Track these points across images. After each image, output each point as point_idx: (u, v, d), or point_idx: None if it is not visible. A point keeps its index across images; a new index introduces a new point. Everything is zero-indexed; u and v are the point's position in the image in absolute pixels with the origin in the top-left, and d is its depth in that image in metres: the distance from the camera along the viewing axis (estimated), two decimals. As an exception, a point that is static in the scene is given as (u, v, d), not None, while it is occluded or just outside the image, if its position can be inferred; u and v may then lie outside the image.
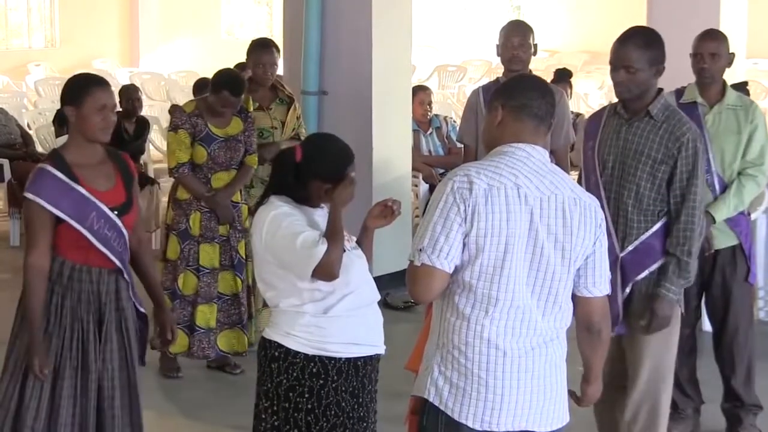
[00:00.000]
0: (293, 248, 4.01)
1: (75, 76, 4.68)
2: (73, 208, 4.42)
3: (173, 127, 6.74)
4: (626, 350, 4.99)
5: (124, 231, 4.54)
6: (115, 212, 4.50)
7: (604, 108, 5.11)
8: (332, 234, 4.03)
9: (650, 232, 4.78)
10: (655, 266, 4.79)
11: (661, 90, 4.90)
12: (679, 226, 4.77)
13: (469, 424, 3.50)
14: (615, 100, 5.00)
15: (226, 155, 6.72)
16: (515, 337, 3.49)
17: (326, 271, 4.01)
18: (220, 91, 6.63)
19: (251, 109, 7.06)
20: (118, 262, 4.54)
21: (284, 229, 4.04)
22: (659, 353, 4.91)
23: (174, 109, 7.47)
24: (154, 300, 4.78)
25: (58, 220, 4.42)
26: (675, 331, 4.91)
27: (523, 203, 3.46)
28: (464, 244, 3.46)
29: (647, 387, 4.91)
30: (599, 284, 3.64)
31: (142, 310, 4.70)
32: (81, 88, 4.48)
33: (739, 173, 5.77)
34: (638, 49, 4.72)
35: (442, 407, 3.53)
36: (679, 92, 5.92)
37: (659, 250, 4.79)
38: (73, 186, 4.43)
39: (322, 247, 3.98)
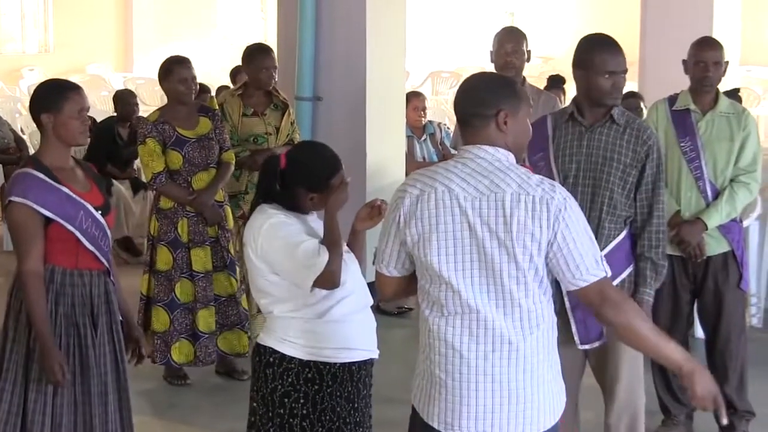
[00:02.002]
0: (293, 259, 4.00)
1: (46, 83, 4.67)
2: (61, 207, 4.41)
3: (141, 140, 6.71)
4: (596, 363, 4.93)
5: (108, 231, 4.55)
6: (99, 212, 4.51)
7: (543, 118, 4.96)
8: (331, 242, 4.02)
9: (615, 242, 4.72)
10: (616, 281, 4.64)
11: None
12: (651, 229, 4.76)
13: (435, 425, 3.51)
14: None
15: (201, 155, 6.70)
16: (472, 338, 3.46)
17: (329, 280, 4.01)
18: (171, 72, 6.68)
19: (216, 107, 7.07)
20: (106, 262, 4.55)
21: (282, 239, 4.03)
22: (633, 362, 4.88)
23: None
24: (123, 316, 4.72)
25: (45, 224, 4.40)
26: None
27: (455, 206, 3.46)
28: (409, 252, 3.55)
29: (626, 396, 4.90)
30: (580, 275, 3.46)
31: (119, 316, 4.68)
32: (58, 95, 4.48)
33: (732, 180, 5.79)
34: (623, 54, 4.72)
35: (416, 408, 3.58)
36: (672, 99, 5.94)
37: (622, 261, 4.74)
38: (57, 186, 4.43)
39: (324, 257, 3.98)
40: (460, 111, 3.59)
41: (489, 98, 3.53)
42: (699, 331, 6.60)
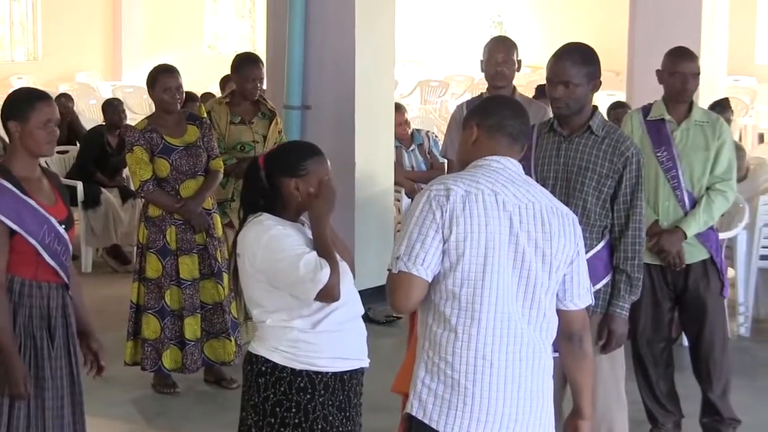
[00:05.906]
0: (295, 273, 3.95)
1: (17, 91, 4.64)
2: (28, 221, 4.36)
3: (129, 148, 6.72)
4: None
5: (69, 245, 4.52)
6: (63, 226, 4.47)
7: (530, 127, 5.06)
8: (325, 255, 3.98)
9: (593, 251, 4.72)
10: (593, 290, 4.63)
11: (596, 106, 4.91)
12: (627, 241, 4.79)
13: None
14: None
15: (188, 163, 6.71)
16: (502, 346, 3.50)
17: (330, 294, 3.97)
18: (156, 81, 6.68)
19: (204, 115, 7.08)
20: (65, 277, 4.51)
21: (284, 253, 3.98)
22: (609, 374, 4.90)
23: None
24: (83, 326, 4.66)
25: (9, 235, 4.36)
26: (621, 350, 4.93)
27: (502, 209, 3.50)
28: (444, 252, 3.48)
29: (602, 411, 4.87)
30: (583, 296, 3.69)
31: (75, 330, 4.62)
32: (25, 104, 4.43)
33: (708, 188, 5.82)
34: (575, 64, 4.71)
35: (426, 420, 3.53)
36: (646, 109, 5.96)
37: (600, 270, 4.76)
38: (26, 199, 4.38)
39: (326, 271, 3.93)
40: (518, 129, 3.69)
41: None
42: (685, 339, 6.61)
